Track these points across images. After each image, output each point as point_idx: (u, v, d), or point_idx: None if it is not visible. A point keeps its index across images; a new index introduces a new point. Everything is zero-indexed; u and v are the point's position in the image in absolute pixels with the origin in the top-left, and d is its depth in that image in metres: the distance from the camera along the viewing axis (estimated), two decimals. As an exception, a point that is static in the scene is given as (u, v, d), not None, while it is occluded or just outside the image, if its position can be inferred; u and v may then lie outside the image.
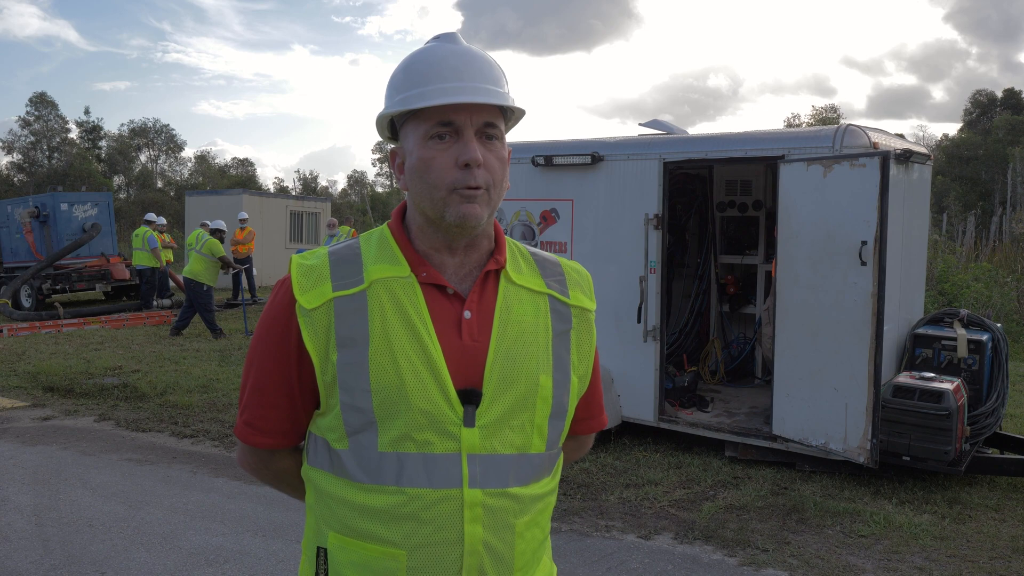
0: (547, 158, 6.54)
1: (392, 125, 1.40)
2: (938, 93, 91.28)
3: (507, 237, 1.47)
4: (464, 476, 1.30)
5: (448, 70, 1.31)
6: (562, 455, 1.51)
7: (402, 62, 1.38)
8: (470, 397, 1.31)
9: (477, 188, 1.30)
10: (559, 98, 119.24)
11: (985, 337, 5.82)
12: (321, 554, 1.38)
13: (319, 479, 1.39)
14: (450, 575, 1.31)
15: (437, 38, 1.38)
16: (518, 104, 1.37)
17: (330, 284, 1.33)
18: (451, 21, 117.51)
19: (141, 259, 15.41)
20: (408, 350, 1.30)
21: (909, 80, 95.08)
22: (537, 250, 1.50)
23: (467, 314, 1.35)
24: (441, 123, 1.30)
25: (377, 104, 1.46)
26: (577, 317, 1.44)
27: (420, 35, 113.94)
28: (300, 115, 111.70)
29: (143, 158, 58.98)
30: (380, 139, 1.51)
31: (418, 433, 1.29)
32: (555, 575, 1.53)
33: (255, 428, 1.41)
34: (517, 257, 1.45)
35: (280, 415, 1.39)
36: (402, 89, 1.34)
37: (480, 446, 1.31)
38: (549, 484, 1.44)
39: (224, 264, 12.63)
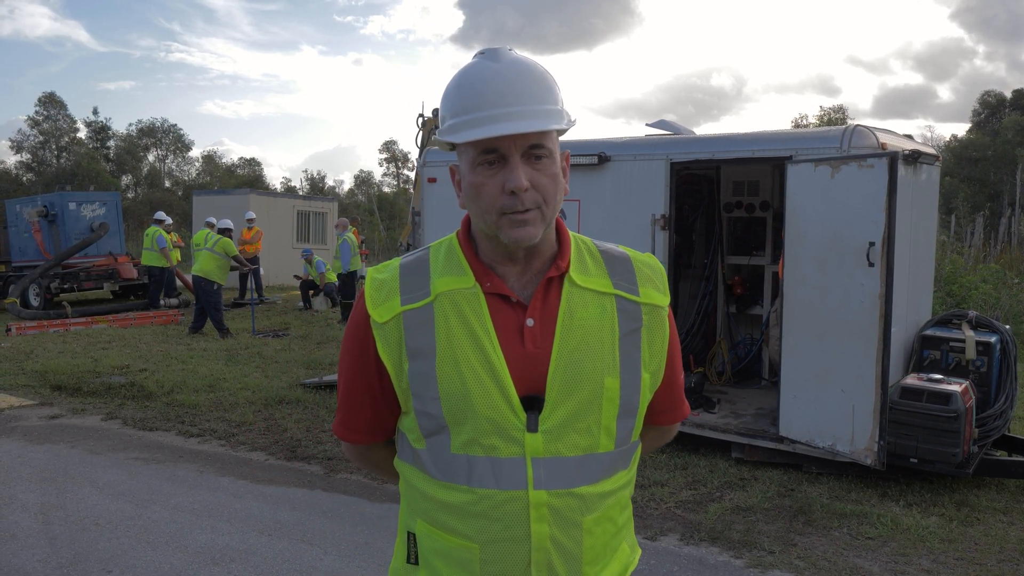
0: (554, 158, 6.53)
1: None
2: (944, 93, 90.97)
3: (574, 234, 1.50)
4: (529, 478, 1.36)
5: (492, 95, 1.33)
6: (640, 446, 1.56)
7: (452, 80, 1.41)
8: (533, 403, 1.36)
9: (527, 211, 1.35)
10: (562, 97, 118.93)
11: (993, 339, 5.79)
12: (411, 538, 1.49)
13: (406, 472, 1.50)
14: (519, 568, 1.38)
15: (482, 54, 1.40)
16: (567, 116, 1.39)
17: (399, 298, 1.41)
18: (452, 20, 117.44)
19: (149, 259, 15.46)
20: (472, 359, 1.36)
21: (915, 79, 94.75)
22: (607, 246, 1.53)
23: (529, 322, 1.39)
24: (486, 151, 1.34)
25: (381, 104, 1.44)
26: (648, 314, 1.46)
27: (423, 35, 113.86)
28: (305, 115, 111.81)
29: (151, 158, 59.21)
30: (387, 140, 1.53)
31: (484, 438, 1.36)
32: (636, 560, 1.57)
33: (348, 427, 1.55)
34: (584, 256, 1.48)
35: (366, 416, 1.51)
36: (452, 113, 1.38)
37: (544, 450, 1.37)
38: (623, 479, 1.48)
39: (237, 263, 12.66)
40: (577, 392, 1.38)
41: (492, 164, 1.35)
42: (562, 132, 1.42)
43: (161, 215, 16.56)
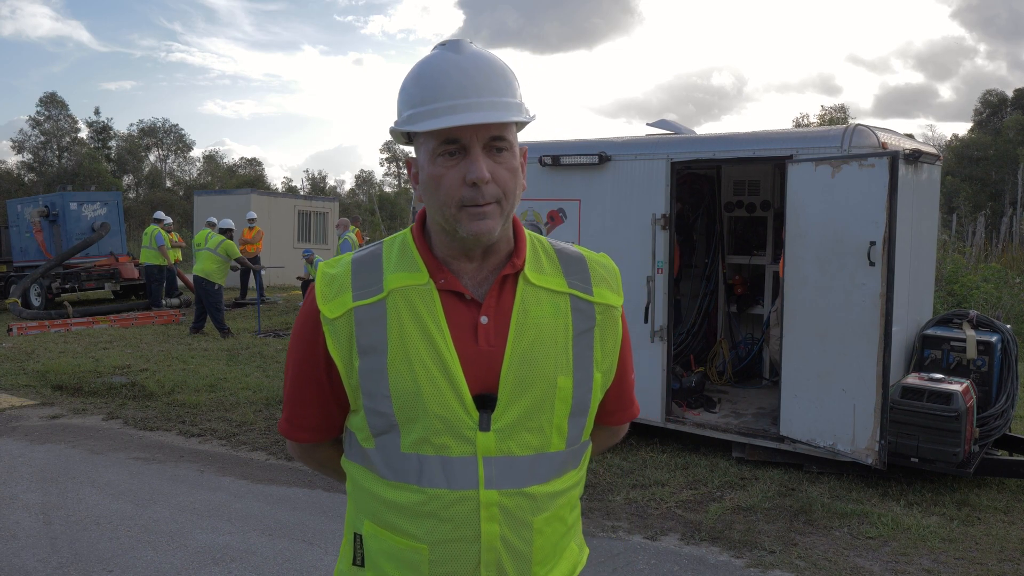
0: (554, 158, 6.53)
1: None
2: (946, 92, 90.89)
3: (530, 233, 1.48)
4: (480, 478, 1.35)
5: (453, 86, 1.31)
6: (591, 446, 1.55)
7: (410, 72, 1.39)
8: (485, 402, 1.35)
9: (487, 204, 1.33)
10: (563, 97, 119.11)
11: (994, 338, 5.78)
12: (358, 540, 1.46)
13: (354, 471, 1.47)
14: (469, 569, 1.36)
15: (443, 45, 1.38)
16: (526, 111, 1.38)
17: (351, 294, 1.38)
18: (452, 20, 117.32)
19: (147, 257, 15.47)
20: (424, 357, 1.34)
21: (916, 79, 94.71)
22: (562, 245, 1.51)
23: (484, 319, 1.37)
24: (447, 141, 1.32)
25: (382, 105, 1.44)
26: (601, 314, 1.45)
27: (423, 34, 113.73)
28: (306, 115, 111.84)
29: (152, 158, 59.23)
30: (388, 140, 1.52)
31: (435, 437, 1.34)
32: (584, 559, 1.55)
33: (294, 425, 1.51)
34: (539, 255, 1.46)
35: (314, 413, 1.48)
36: (410, 104, 1.35)
37: (496, 449, 1.35)
38: (573, 478, 1.47)
39: (241, 265, 12.64)
40: (530, 391, 1.36)
41: (452, 155, 1.33)
42: (521, 127, 1.40)
43: (160, 215, 16.58)
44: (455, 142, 1.32)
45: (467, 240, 1.35)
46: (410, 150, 1.45)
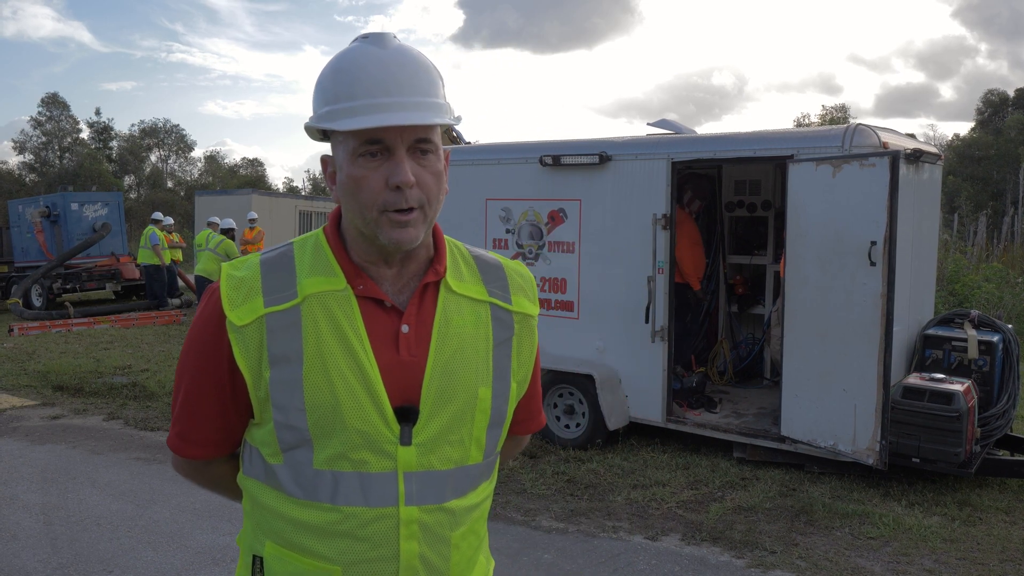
0: (555, 158, 6.53)
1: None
2: (947, 91, 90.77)
3: (448, 239, 1.43)
4: (400, 494, 1.28)
5: (376, 83, 1.23)
6: (499, 457, 1.50)
7: (329, 65, 1.31)
8: (407, 415, 1.28)
9: (410, 210, 1.26)
10: (564, 97, 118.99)
11: (996, 338, 5.78)
12: (257, 562, 1.36)
13: (255, 489, 1.37)
14: None
15: (365, 38, 1.29)
16: (451, 112, 1.30)
17: (262, 299, 1.29)
18: (453, 19, 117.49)
19: (144, 257, 15.47)
20: (343, 368, 1.26)
21: (917, 78, 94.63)
22: (480, 252, 1.47)
23: (405, 328, 1.31)
24: (370, 141, 1.24)
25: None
26: (519, 323, 1.42)
27: (423, 34, 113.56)
28: (307, 115, 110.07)
29: (153, 158, 59.26)
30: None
31: (354, 452, 1.27)
32: (491, 570, 1.51)
33: (187, 440, 1.39)
34: (459, 262, 1.40)
35: (212, 426, 1.37)
36: (329, 100, 1.27)
37: (417, 464, 1.29)
38: (486, 490, 1.43)
39: None
40: (452, 403, 1.31)
41: (374, 156, 1.24)
42: (446, 129, 1.35)
43: (158, 215, 16.59)
44: (378, 143, 1.24)
45: (387, 246, 1.28)
46: (326, 148, 1.37)
